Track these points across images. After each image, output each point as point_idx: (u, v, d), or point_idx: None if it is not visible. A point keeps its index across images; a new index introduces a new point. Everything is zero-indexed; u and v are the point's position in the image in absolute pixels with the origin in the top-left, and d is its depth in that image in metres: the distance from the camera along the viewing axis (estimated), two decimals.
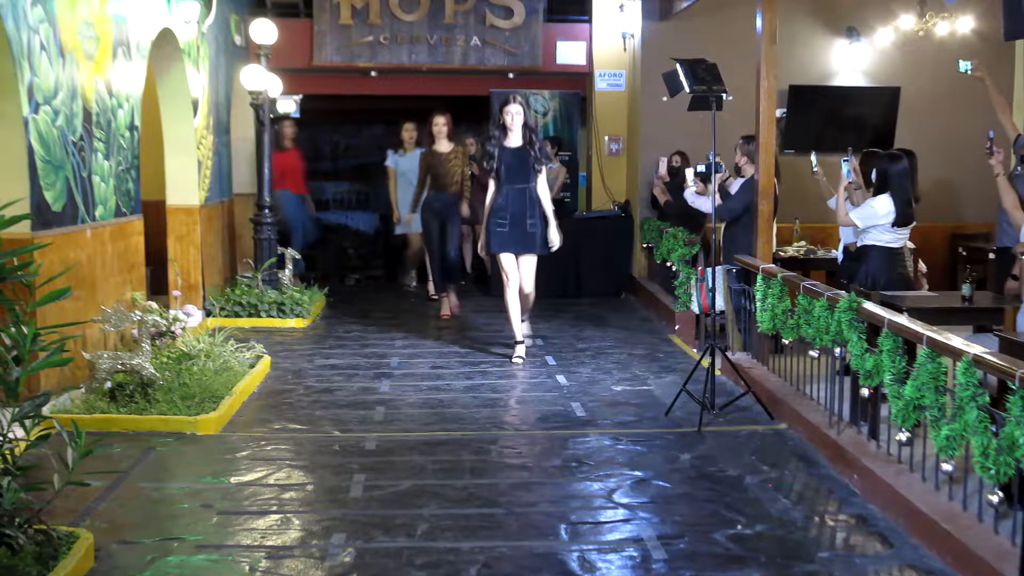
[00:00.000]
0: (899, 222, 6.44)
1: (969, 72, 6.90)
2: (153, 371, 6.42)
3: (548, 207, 8.25)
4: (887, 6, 10.91)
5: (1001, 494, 4.04)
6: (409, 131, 11.67)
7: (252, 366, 7.39)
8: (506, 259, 8.28)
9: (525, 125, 8.19)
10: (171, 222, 9.58)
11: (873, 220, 6.48)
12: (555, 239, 8.22)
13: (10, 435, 4.00)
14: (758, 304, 6.88)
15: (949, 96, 10.67)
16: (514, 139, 8.20)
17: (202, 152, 9.86)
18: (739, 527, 4.64)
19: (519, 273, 8.27)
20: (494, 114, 8.13)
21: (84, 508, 4.74)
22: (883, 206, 6.45)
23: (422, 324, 9.89)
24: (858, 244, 6.82)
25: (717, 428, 6.27)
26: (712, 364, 6.59)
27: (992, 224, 7.24)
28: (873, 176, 6.60)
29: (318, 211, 13.65)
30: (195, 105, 9.59)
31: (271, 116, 10.43)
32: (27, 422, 4.04)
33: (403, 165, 11.57)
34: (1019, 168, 6.84)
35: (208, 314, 9.13)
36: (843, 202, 6.71)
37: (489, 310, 10.45)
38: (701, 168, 8.71)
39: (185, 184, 9.58)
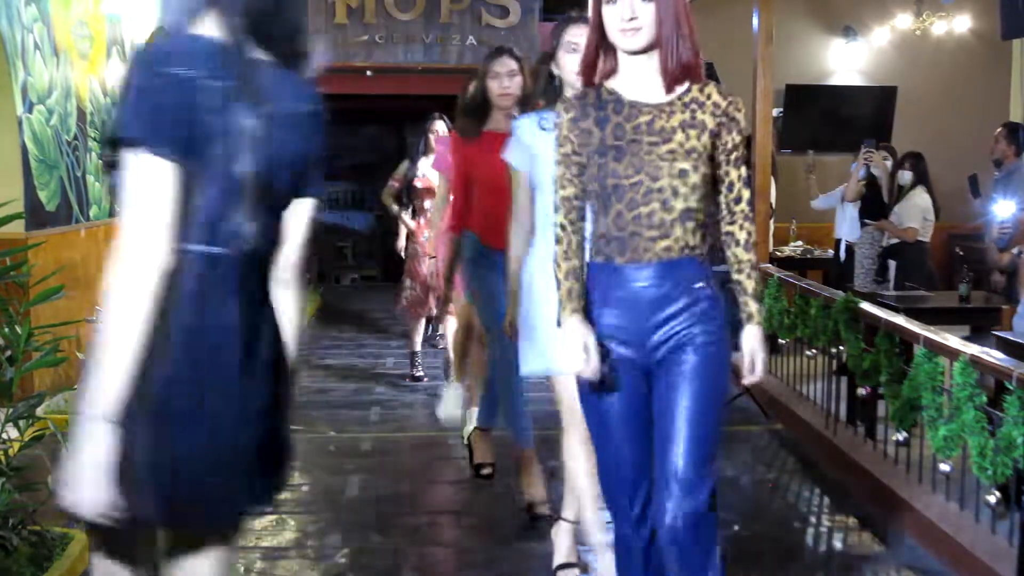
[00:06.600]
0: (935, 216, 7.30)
1: None
2: None
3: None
4: (884, 5, 10.89)
5: (999, 494, 4.03)
6: None
7: None
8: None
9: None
10: None
11: (919, 214, 7.27)
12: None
13: (4, 436, 3.98)
14: None
15: (946, 95, 10.66)
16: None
17: None
18: (735, 528, 4.62)
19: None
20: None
21: None
22: (924, 200, 7.21)
23: None
24: (883, 243, 7.16)
25: None
26: None
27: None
28: (902, 177, 7.03)
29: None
30: None
31: None
32: (21, 423, 4.02)
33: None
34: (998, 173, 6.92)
35: None
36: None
37: None
38: None
39: None
